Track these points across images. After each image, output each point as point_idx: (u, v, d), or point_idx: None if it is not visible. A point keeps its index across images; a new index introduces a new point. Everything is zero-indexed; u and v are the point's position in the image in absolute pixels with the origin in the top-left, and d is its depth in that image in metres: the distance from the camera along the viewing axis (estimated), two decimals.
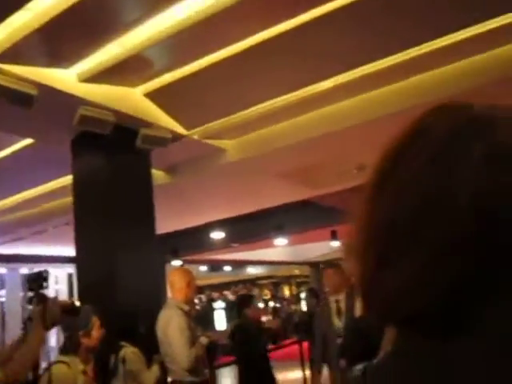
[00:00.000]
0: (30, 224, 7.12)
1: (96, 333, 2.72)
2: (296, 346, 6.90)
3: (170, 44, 3.28)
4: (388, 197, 0.51)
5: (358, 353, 2.58)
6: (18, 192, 6.19)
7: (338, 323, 3.66)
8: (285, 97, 4.16)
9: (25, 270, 9.35)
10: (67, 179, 5.52)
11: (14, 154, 4.71)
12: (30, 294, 2.15)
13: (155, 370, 3.10)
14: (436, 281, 0.46)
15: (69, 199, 5.82)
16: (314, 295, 7.57)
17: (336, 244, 10.57)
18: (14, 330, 8.26)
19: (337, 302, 3.71)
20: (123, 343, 3.19)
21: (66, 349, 2.66)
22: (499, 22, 3.26)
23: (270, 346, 5.37)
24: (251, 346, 4.30)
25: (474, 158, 0.44)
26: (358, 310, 3.43)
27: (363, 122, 4.27)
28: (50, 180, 5.78)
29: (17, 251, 9.14)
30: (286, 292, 20.55)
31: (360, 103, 4.29)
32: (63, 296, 9.00)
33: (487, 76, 3.64)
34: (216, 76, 3.67)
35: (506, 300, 0.45)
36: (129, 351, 3.16)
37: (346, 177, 5.36)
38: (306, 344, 6.17)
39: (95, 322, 2.73)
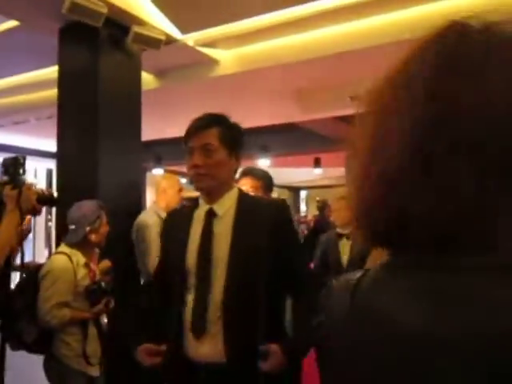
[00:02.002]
0: (12, 112, 6.92)
1: (103, 229, 2.74)
2: None
3: None
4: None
5: None
6: (1, 77, 5.95)
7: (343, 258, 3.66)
8: (287, 11, 3.96)
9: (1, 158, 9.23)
10: (53, 70, 5.33)
11: None
12: (5, 178, 2.09)
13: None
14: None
15: (54, 92, 5.67)
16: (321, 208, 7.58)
17: (318, 171, 10.62)
18: None
19: (347, 236, 3.65)
20: None
21: (70, 241, 2.67)
22: None
23: None
24: None
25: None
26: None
27: (365, 47, 4.12)
28: (35, 68, 5.55)
29: None
30: None
31: (364, 28, 4.11)
32: None
33: None
34: None
35: None
36: None
37: (339, 104, 5.27)
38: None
39: (103, 218, 2.74)
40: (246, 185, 2.84)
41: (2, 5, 3.72)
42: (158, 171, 10.21)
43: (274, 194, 4.01)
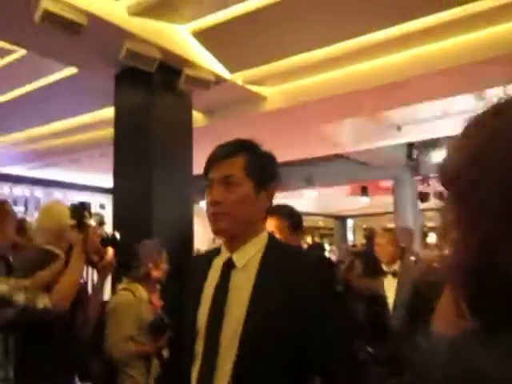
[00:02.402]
0: (67, 151, 7.26)
1: (163, 266, 2.86)
2: None
3: None
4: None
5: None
6: (57, 120, 6.27)
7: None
8: (331, 48, 4.03)
9: (59, 195, 9.63)
10: (105, 112, 5.58)
11: (57, 82, 4.75)
12: (73, 222, 2.20)
13: None
14: None
15: (105, 131, 5.93)
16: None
17: (366, 200, 10.53)
18: None
19: (393, 273, 3.33)
20: None
21: (133, 277, 2.79)
22: None
23: None
24: None
25: None
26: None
27: (408, 78, 4.13)
28: (90, 110, 5.83)
29: (53, 177, 9.41)
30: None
31: (406, 59, 4.13)
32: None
33: None
34: (265, 19, 3.56)
35: None
36: None
37: (386, 134, 5.26)
38: None
39: (163, 255, 2.88)
40: (271, 226, 2.36)
41: (65, 55, 3.98)
42: (204, 203, 10.40)
43: (320, 223, 3.96)
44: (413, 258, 3.97)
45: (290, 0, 3.35)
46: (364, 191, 10.40)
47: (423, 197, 8.82)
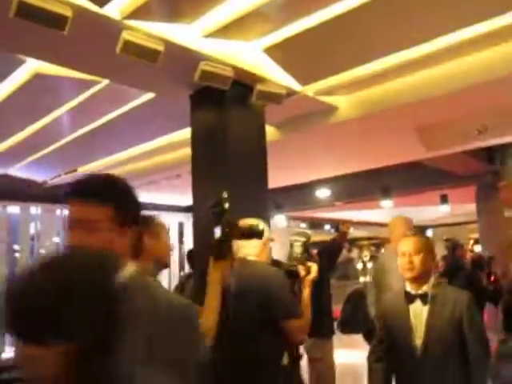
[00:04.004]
0: (144, 175, 7.56)
1: None
2: None
3: None
4: None
5: None
6: (135, 145, 6.57)
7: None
8: (402, 53, 3.95)
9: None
10: (180, 134, 5.78)
11: (136, 108, 4.98)
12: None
13: None
14: None
15: (181, 152, 6.13)
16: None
17: (445, 208, 10.11)
18: None
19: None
20: None
21: None
22: None
23: None
24: None
25: None
26: None
27: (491, 80, 3.95)
28: (164, 134, 6.06)
29: None
30: None
31: (483, 61, 3.96)
32: (174, 243, 9.58)
33: None
34: (334, 30, 3.55)
35: None
36: None
37: (466, 138, 5.05)
38: None
39: None
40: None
41: (142, 82, 4.18)
42: (279, 218, 10.54)
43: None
44: None
45: (356, 10, 3.32)
46: (444, 199, 9.99)
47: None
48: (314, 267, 2.74)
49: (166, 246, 2.30)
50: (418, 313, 2.77)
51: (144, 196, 7.03)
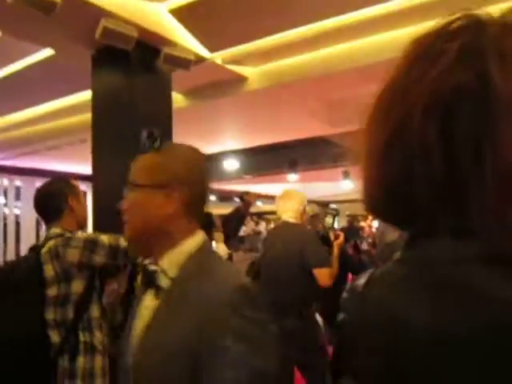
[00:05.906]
0: (46, 138, 7.13)
1: None
2: None
3: None
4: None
5: None
6: (34, 105, 6.14)
7: None
8: (312, 26, 3.98)
9: (39, 183, 9.48)
10: (82, 95, 5.48)
11: (32, 65, 4.63)
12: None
13: None
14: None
15: (84, 116, 5.81)
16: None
17: (348, 184, 10.54)
18: (28, 242, 8.49)
19: None
20: None
21: None
22: None
23: None
24: None
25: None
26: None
27: (391, 58, 4.10)
28: (66, 95, 5.71)
29: (32, 165, 9.24)
30: None
31: (392, 39, 4.11)
32: None
33: None
34: None
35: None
36: None
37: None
38: None
39: None
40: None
41: (38, 35, 3.86)
42: None
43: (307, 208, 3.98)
44: None
45: None
46: (346, 175, 10.39)
47: None
48: (341, 235, 3.62)
49: (85, 208, 2.44)
50: None
51: (44, 163, 6.65)
